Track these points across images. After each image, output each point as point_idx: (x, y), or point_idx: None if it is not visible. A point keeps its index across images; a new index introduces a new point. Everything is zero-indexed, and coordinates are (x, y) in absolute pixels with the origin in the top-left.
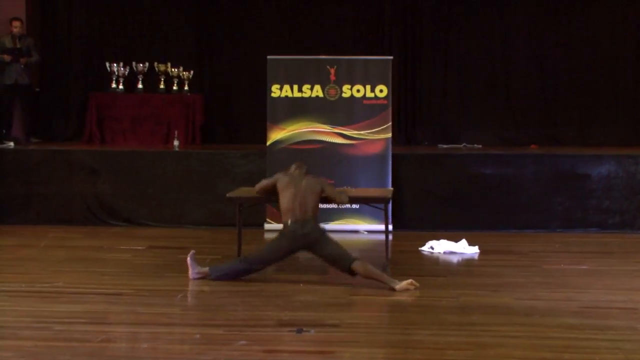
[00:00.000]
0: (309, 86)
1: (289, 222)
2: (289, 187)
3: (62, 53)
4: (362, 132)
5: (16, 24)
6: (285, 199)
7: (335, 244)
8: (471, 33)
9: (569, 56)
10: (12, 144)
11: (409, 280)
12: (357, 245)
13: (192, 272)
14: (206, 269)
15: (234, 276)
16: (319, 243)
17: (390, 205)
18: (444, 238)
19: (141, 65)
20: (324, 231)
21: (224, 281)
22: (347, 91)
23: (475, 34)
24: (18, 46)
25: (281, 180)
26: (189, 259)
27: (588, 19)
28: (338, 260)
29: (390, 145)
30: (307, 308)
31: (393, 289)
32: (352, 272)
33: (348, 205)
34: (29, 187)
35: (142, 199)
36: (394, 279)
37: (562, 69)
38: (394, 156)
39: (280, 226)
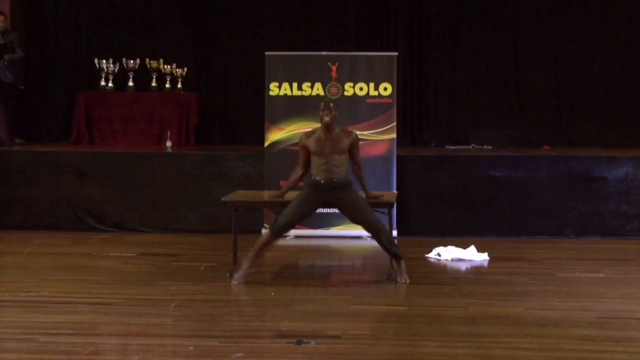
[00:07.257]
0: (309, 84)
1: (315, 176)
2: (316, 152)
3: (48, 49)
4: (365, 133)
5: None
6: (314, 161)
7: (364, 206)
8: (481, 28)
9: (584, 53)
10: None
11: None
12: (360, 252)
13: (237, 280)
14: (245, 266)
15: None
16: (346, 200)
17: (394, 209)
18: (451, 244)
19: (132, 62)
20: (350, 183)
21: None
22: (349, 89)
23: (485, 28)
24: (1, 42)
25: (309, 145)
26: (228, 278)
27: (604, 13)
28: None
29: (395, 146)
30: (307, 318)
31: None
32: None
33: None
34: (12, 190)
35: (133, 203)
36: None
37: (576, 66)
38: (398, 158)
39: None
